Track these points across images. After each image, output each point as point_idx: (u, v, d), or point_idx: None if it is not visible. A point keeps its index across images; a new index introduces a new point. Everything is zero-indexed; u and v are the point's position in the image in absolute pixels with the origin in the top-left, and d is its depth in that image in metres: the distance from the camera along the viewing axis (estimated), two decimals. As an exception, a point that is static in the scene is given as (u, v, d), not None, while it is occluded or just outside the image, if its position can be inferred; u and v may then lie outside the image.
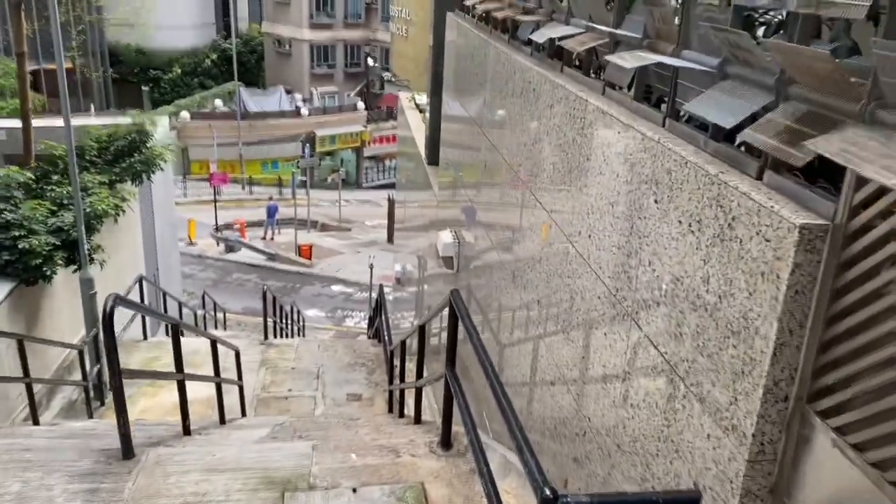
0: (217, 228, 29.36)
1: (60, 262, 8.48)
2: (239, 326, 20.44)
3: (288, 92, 42.54)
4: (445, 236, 7.67)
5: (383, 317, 9.71)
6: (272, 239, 29.77)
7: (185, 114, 36.83)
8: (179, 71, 43.90)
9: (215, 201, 30.89)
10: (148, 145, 11.97)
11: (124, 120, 12.33)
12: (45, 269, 8.25)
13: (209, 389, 9.09)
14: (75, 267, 8.85)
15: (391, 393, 8.43)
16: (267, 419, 7.27)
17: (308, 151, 33.18)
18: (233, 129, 37.61)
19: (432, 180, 9.95)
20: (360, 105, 41.68)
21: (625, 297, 3.18)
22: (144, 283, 10.52)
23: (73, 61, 37.97)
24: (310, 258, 26.78)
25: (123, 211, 10.56)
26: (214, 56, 45.87)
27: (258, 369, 9.84)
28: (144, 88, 41.77)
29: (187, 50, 45.06)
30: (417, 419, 5.28)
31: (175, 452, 4.26)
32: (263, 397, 9.09)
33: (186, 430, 5.42)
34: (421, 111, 14.03)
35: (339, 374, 9.80)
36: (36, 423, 6.83)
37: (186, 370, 9.81)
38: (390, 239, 30.57)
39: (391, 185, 41.95)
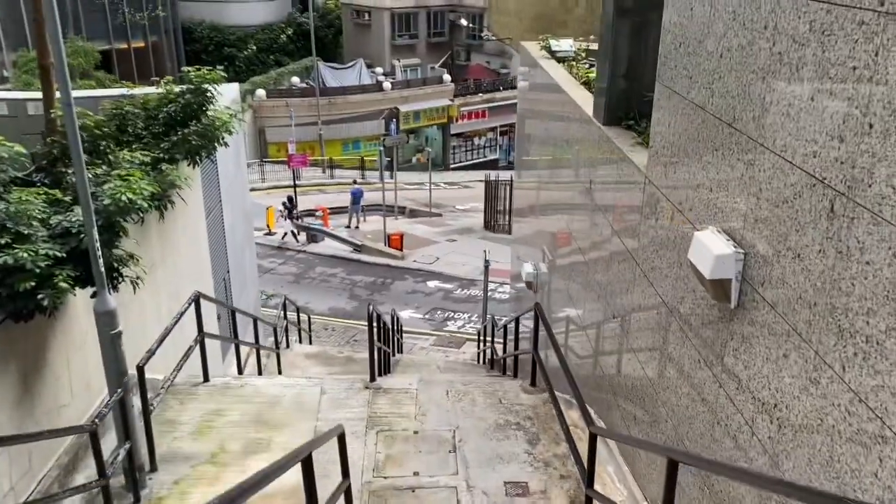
0: (298, 216, 26.64)
1: (67, 283, 5.41)
2: (325, 331, 17.54)
3: (368, 66, 39.53)
4: (712, 240, 4.21)
5: (556, 351, 6.31)
6: (357, 227, 26.85)
7: (260, 92, 34.35)
8: (255, 48, 41.51)
9: (294, 186, 28.20)
10: (209, 112, 8.92)
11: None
12: (40, 295, 5.21)
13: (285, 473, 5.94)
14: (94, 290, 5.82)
15: (589, 500, 5.08)
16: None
17: (394, 128, 30.08)
18: (311, 108, 34.88)
19: (623, 147, 6.45)
20: (447, 77, 38.25)
21: None
22: (203, 303, 7.41)
23: (145, 39, 36.20)
24: (401, 249, 23.67)
25: (171, 202, 7.52)
26: (290, 31, 43.32)
27: (365, 433, 6.63)
28: (219, 67, 39.55)
29: (262, 25, 42.66)
30: None
31: None
32: (377, 488, 5.86)
33: None
34: (560, 60, 10.51)
35: (485, 443, 6.50)
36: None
37: (260, 431, 6.71)
38: (488, 225, 27.20)
39: (482, 165, 38.54)
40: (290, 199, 25.64)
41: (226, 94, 10.63)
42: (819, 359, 3.27)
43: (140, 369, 5.76)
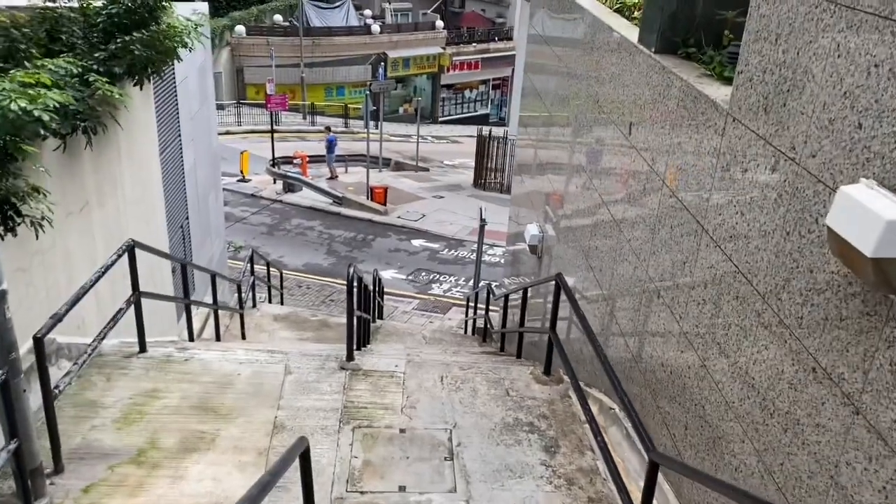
0: (274, 163, 24.88)
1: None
2: (299, 289, 16.07)
3: (356, 7, 37.29)
4: (872, 199, 2.79)
5: (589, 337, 4.95)
6: (336, 178, 25.17)
7: (240, 28, 32.13)
8: (236, -18, 38.96)
9: (272, 131, 26.37)
10: (161, 20, 7.30)
11: None
12: None
13: (231, 480, 4.57)
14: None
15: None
16: None
17: (381, 74, 28.23)
18: (293, 48, 32.78)
19: (688, 79, 4.98)
20: (439, 24, 36.15)
21: None
22: (139, 253, 5.89)
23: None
24: (384, 203, 22.09)
25: (102, 125, 5.95)
26: (275, -34, 40.72)
27: (338, 429, 5.23)
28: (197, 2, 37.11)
29: (245, -42, 40.04)
30: None
31: None
32: (351, 508, 4.48)
33: None
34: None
35: (490, 449, 5.13)
36: None
37: (205, 421, 5.30)
38: (478, 183, 25.69)
39: (472, 120, 36.78)
40: None
41: (187, 7, 8.99)
42: None
43: (38, 341, 4.29)
